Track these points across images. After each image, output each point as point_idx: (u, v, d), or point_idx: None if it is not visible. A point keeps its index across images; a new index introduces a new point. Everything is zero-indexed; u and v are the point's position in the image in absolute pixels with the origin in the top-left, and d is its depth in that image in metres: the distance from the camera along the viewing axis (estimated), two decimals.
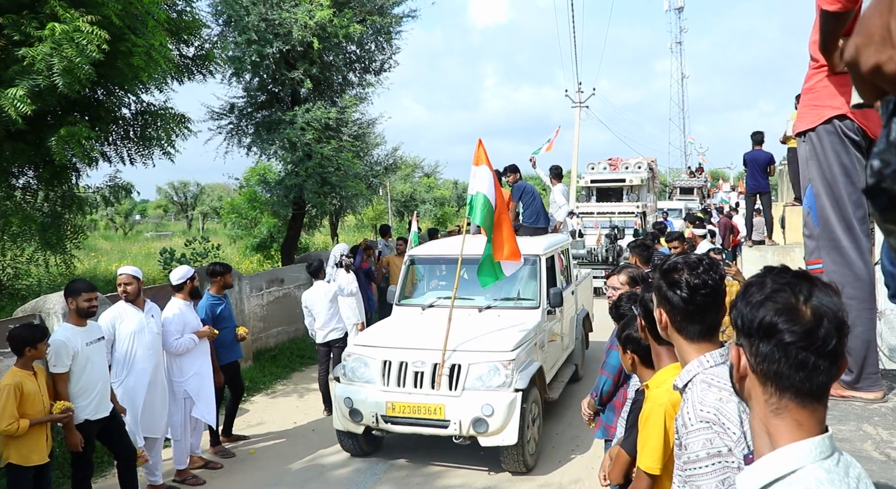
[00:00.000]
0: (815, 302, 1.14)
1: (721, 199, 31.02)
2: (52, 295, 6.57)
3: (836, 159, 2.54)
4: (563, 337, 7.51)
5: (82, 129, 6.82)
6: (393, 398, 5.71)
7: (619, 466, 2.73)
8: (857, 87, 0.79)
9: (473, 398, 5.53)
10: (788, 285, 1.16)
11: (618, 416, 3.73)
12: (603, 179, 17.51)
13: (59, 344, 4.58)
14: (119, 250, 23.98)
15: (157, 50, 7.18)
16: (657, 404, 2.28)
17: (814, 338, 1.11)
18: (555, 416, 7.12)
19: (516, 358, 5.66)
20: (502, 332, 6.05)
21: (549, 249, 7.32)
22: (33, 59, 6.01)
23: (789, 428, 1.13)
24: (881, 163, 0.74)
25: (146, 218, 56.36)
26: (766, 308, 1.14)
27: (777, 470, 1.11)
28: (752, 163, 10.31)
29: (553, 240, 7.91)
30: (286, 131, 11.49)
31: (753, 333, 1.15)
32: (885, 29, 0.70)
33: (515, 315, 6.52)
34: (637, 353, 2.82)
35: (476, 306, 6.69)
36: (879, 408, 2.51)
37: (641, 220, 16.51)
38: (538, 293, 6.76)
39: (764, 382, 1.15)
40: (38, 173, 8.50)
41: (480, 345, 5.80)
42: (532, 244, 7.27)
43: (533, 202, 8.34)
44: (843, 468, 1.11)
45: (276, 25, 11.15)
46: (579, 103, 24.92)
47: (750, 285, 1.21)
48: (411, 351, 5.86)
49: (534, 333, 6.23)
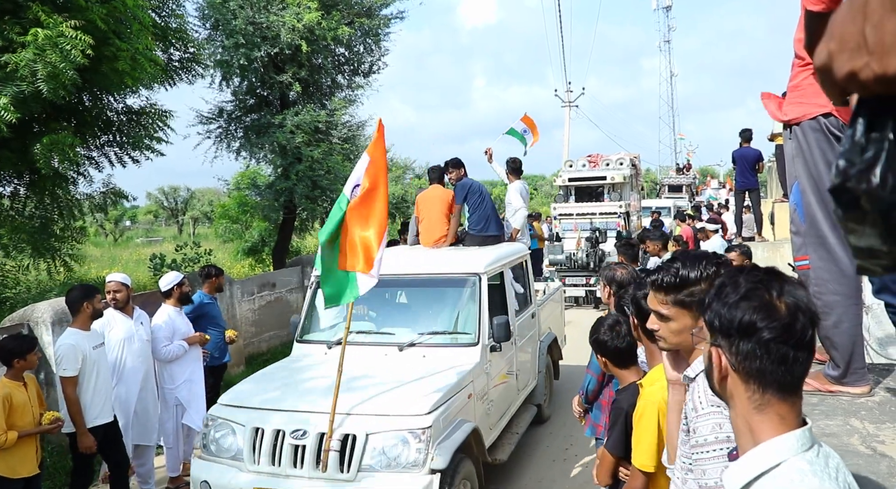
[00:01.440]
0: (788, 297, 1.17)
1: (709, 196, 31.20)
2: (40, 304, 6.51)
3: (822, 156, 2.55)
4: (517, 374, 5.98)
5: (66, 136, 6.78)
6: (264, 484, 4.13)
7: (605, 467, 2.74)
8: (826, 90, 0.80)
9: (372, 484, 4.01)
10: (761, 283, 1.20)
11: (604, 415, 3.76)
12: (582, 177, 16.17)
13: (68, 347, 4.59)
14: (109, 257, 23.86)
15: (143, 54, 7.16)
16: (651, 402, 2.29)
17: (792, 332, 1.15)
18: (549, 414, 7.13)
19: (434, 423, 4.11)
20: (421, 384, 4.51)
21: (496, 265, 5.80)
22: (16, 66, 5.97)
23: (772, 422, 1.16)
24: (846, 162, 0.75)
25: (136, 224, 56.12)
26: (743, 307, 1.17)
27: (762, 464, 1.13)
28: (740, 160, 10.37)
29: (502, 252, 6.30)
30: (275, 135, 11.46)
31: (733, 333, 1.18)
32: (860, 35, 0.69)
33: (446, 355, 5.03)
34: (606, 356, 2.88)
35: (396, 343, 5.17)
36: (866, 402, 2.52)
37: (625, 220, 15.32)
38: (477, 325, 5.18)
39: (746, 380, 1.18)
40: (27, 181, 8.44)
41: (385, 406, 4.23)
42: (471, 259, 5.78)
43: (481, 204, 6.92)
44: (823, 459, 1.14)
45: (264, 28, 11.12)
46: (569, 103, 25.00)
47: (723, 286, 1.23)
48: (291, 414, 4.28)
49: (468, 381, 4.77)
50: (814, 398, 2.59)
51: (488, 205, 6.97)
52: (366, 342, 5.30)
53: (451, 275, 5.61)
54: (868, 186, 0.72)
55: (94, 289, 4.91)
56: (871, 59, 0.69)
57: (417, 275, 5.79)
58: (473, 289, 5.40)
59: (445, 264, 5.83)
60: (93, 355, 4.75)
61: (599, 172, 16.03)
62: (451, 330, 5.33)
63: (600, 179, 15.87)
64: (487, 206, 6.95)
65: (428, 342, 5.15)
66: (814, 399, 2.58)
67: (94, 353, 4.78)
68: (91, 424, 4.70)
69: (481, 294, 5.34)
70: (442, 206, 6.88)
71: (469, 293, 5.42)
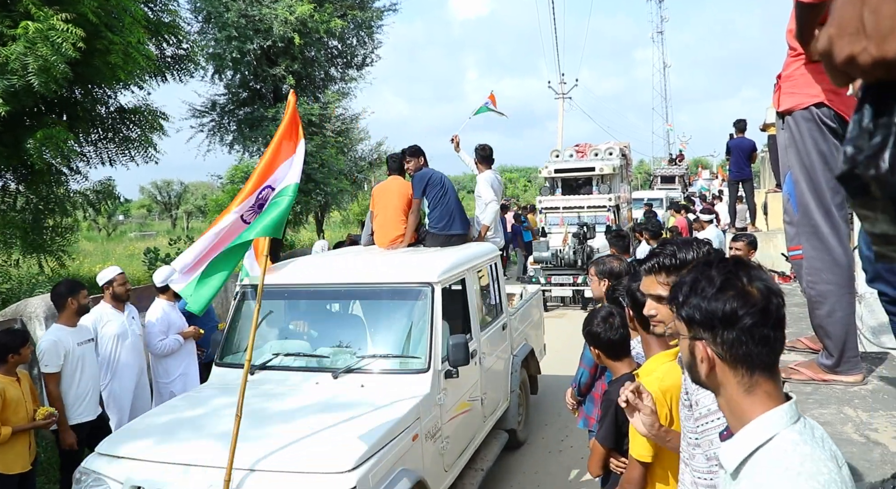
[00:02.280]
0: (757, 283, 1.25)
1: (701, 186, 31.23)
2: (33, 298, 6.49)
3: (815, 146, 2.57)
4: (483, 399, 5.07)
5: (60, 131, 6.74)
6: None
7: (596, 458, 2.76)
8: (830, 75, 0.80)
9: None
10: (731, 273, 1.27)
11: (596, 408, 3.78)
12: (569, 169, 15.00)
13: (50, 343, 4.59)
14: (103, 251, 23.74)
15: (135, 47, 7.11)
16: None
17: (769, 314, 1.23)
18: (544, 405, 7.16)
19: (361, 482, 3.16)
20: (352, 425, 3.55)
21: (454, 271, 4.82)
22: (7, 59, 5.92)
23: (762, 401, 1.23)
24: (854, 149, 0.75)
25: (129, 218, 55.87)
26: (722, 298, 1.24)
27: (756, 439, 1.21)
28: (736, 150, 10.38)
29: (466, 254, 5.34)
30: (269, 128, 11.43)
31: (717, 324, 1.24)
32: (859, 20, 0.70)
33: (390, 383, 4.11)
34: (599, 348, 2.90)
35: (330, 369, 4.29)
36: (859, 390, 2.54)
37: (615, 214, 14.30)
38: (428, 347, 4.24)
39: (734, 366, 1.25)
40: (19, 176, 8.39)
41: (299, 460, 3.26)
42: (422, 265, 4.79)
43: (443, 198, 6.01)
44: (810, 430, 1.22)
45: (257, 21, 11.07)
46: (562, 94, 24.96)
47: (697, 280, 1.29)
48: (178, 469, 3.35)
49: (413, 418, 3.83)
50: (807, 387, 2.61)
51: (451, 198, 6.08)
52: (294, 366, 4.43)
53: (398, 285, 4.59)
54: (877, 172, 0.71)
55: (80, 285, 4.88)
56: (870, 43, 0.69)
57: (358, 285, 4.77)
58: (424, 302, 4.38)
59: (391, 272, 4.79)
60: (77, 352, 4.72)
61: (587, 163, 14.93)
62: (397, 353, 4.38)
63: (588, 170, 14.76)
64: (450, 199, 6.07)
65: (368, 368, 4.25)
66: (807, 388, 2.60)
67: (80, 350, 4.74)
68: (74, 421, 4.69)
69: (434, 308, 4.33)
70: (399, 200, 6.05)
71: (419, 307, 4.40)
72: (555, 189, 15.13)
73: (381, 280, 4.71)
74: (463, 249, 5.64)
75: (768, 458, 1.17)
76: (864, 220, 0.77)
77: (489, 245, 6.19)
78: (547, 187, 15.26)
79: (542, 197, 15.10)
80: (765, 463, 1.17)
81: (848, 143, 0.76)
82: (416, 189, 6.06)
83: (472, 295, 5.14)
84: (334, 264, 5.19)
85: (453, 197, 6.12)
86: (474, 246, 5.95)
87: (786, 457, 1.15)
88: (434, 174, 6.16)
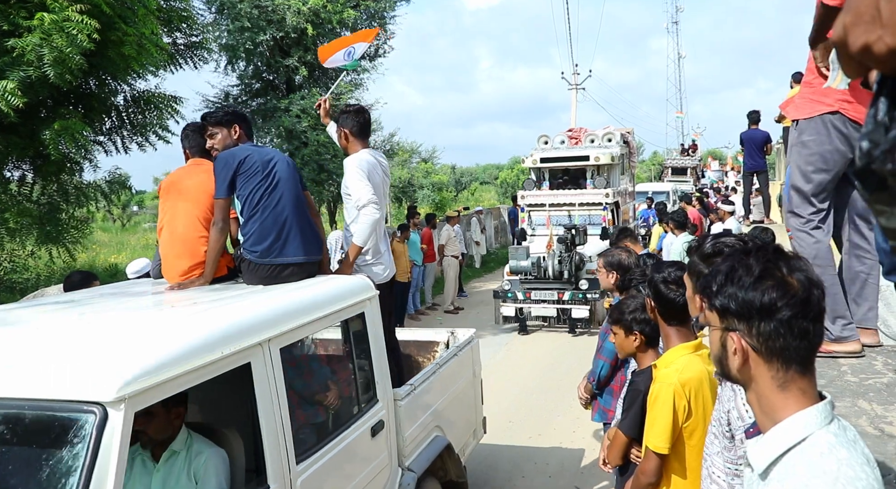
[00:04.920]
0: (797, 274, 1.19)
1: (710, 178, 30.76)
2: (50, 288, 6.56)
3: (818, 148, 2.71)
4: None
5: (76, 122, 6.79)
6: None
7: (617, 447, 2.75)
8: (843, 64, 0.79)
9: None
10: (771, 262, 1.20)
11: (615, 400, 3.76)
12: (559, 158, 12.43)
13: None
14: (118, 242, 23.96)
15: (149, 38, 7.14)
16: (666, 384, 2.29)
17: (809, 306, 1.17)
18: (555, 398, 7.16)
19: None
20: None
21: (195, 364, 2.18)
22: (23, 50, 5.96)
23: (796, 398, 1.18)
24: (870, 143, 0.74)
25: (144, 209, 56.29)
26: (760, 288, 1.18)
27: (789, 439, 1.16)
28: (748, 142, 10.31)
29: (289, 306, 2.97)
30: (282, 119, 11.46)
31: (753, 315, 1.18)
32: (875, 8, 0.70)
33: None
34: (644, 334, 2.80)
35: None
36: (875, 383, 2.53)
37: (613, 213, 11.89)
38: None
39: (769, 360, 1.19)
40: (34, 166, 8.47)
41: None
42: (96, 356, 2.12)
43: (267, 198, 3.50)
44: (844, 431, 1.17)
45: (270, 12, 11.08)
46: (575, 85, 24.78)
47: (734, 269, 1.23)
48: None
49: None
50: (822, 380, 2.59)
51: (286, 199, 3.51)
52: None
53: (26, 409, 1.94)
54: (894, 166, 0.70)
55: (93, 276, 4.90)
56: (885, 32, 0.69)
57: None
58: (81, 448, 1.84)
59: (14, 374, 2.06)
60: None
61: (580, 151, 12.38)
62: None
63: (582, 160, 12.21)
64: (282, 201, 3.50)
65: None
66: (822, 380, 2.59)
67: None
68: None
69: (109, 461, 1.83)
70: (196, 204, 3.55)
71: (71, 458, 1.84)
72: (541, 182, 12.65)
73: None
74: (288, 293, 3.13)
75: (804, 461, 1.12)
76: (881, 215, 0.76)
77: (358, 281, 3.50)
78: (532, 180, 12.62)
79: (524, 192, 12.42)
80: (799, 465, 1.12)
81: (863, 138, 0.75)
82: (219, 180, 3.43)
83: (271, 394, 2.58)
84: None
85: (290, 195, 3.52)
86: (322, 286, 3.33)
87: (822, 461, 1.10)
88: (252, 154, 3.51)
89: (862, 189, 0.77)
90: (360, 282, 3.51)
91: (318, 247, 3.62)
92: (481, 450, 5.48)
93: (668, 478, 2.35)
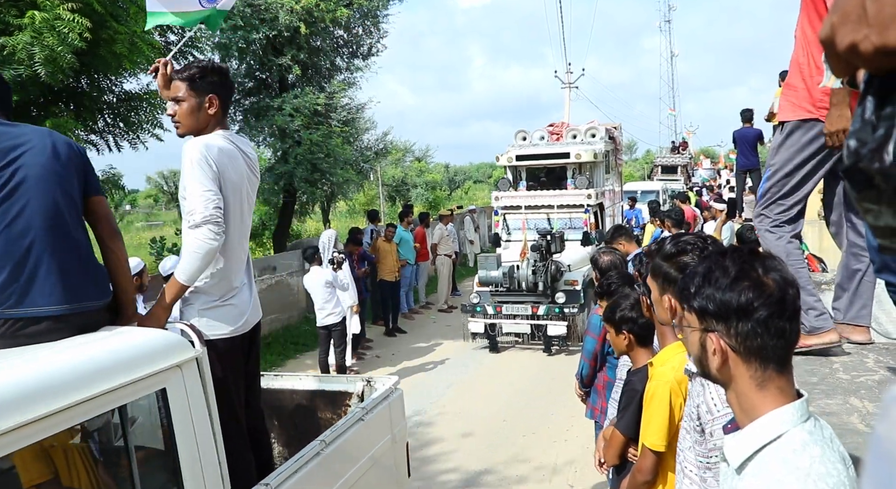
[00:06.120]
0: (773, 274, 1.21)
1: (702, 177, 30.76)
2: None
3: (798, 153, 2.74)
4: None
5: (68, 121, 6.77)
6: None
7: (614, 447, 2.75)
8: (831, 63, 0.80)
9: None
10: (747, 263, 1.23)
11: (600, 399, 3.80)
12: (537, 155, 11.26)
13: None
14: None
15: (141, 37, 7.10)
16: (662, 382, 2.30)
17: (785, 305, 1.19)
18: (549, 396, 7.17)
19: None
20: None
21: None
22: (14, 49, 5.93)
23: (773, 396, 1.21)
24: (857, 142, 0.74)
25: (136, 208, 56.07)
26: (737, 289, 1.20)
27: (764, 436, 1.18)
28: (741, 140, 10.35)
29: None
30: (275, 118, 11.43)
31: (731, 315, 1.20)
32: (861, 8, 0.70)
33: None
34: (633, 333, 2.81)
35: None
36: (866, 381, 2.54)
37: (596, 217, 10.89)
38: None
39: (748, 359, 1.21)
40: None
41: None
42: None
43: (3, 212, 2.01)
44: (820, 430, 1.19)
45: (262, 10, 11.05)
46: (569, 84, 24.79)
47: (711, 271, 1.25)
48: None
49: None
50: (814, 377, 2.61)
51: (32, 210, 2.05)
52: None
53: None
54: (881, 165, 0.71)
55: None
56: (871, 32, 0.69)
57: None
58: None
59: None
60: None
61: (560, 148, 11.29)
62: None
63: (562, 157, 11.07)
64: (27, 213, 2.04)
65: None
66: (814, 378, 2.60)
67: None
68: None
69: None
70: None
71: None
72: (518, 182, 11.55)
73: None
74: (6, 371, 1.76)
75: (778, 457, 1.15)
76: (868, 213, 0.77)
77: (161, 338, 2.21)
78: (507, 179, 11.39)
79: (499, 193, 11.27)
80: (774, 461, 1.15)
81: (851, 137, 0.75)
82: None
83: None
84: None
85: (40, 205, 2.07)
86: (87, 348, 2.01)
87: (795, 457, 1.13)
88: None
89: (850, 188, 0.77)
90: (163, 341, 2.18)
91: (96, 287, 2.23)
92: None
93: (664, 475, 2.36)
